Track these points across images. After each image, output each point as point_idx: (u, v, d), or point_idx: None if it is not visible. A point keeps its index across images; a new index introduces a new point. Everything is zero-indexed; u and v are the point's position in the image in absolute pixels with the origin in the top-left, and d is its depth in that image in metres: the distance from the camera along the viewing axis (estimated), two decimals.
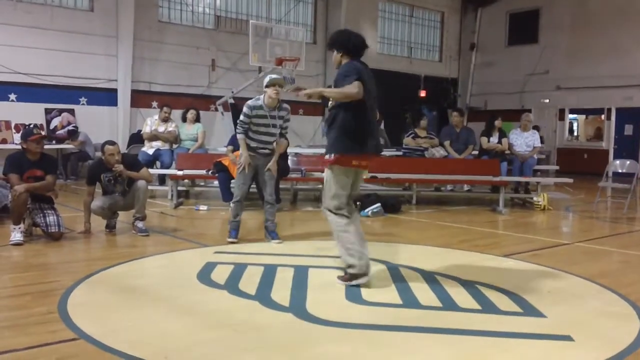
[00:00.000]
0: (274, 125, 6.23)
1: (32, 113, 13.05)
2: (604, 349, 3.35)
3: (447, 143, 10.88)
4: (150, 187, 7.63)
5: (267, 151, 6.32)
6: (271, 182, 6.40)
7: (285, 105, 6.34)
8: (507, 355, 3.28)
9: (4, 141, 12.51)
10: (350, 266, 4.60)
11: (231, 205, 6.38)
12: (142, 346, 3.24)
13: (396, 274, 5.01)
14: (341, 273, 4.76)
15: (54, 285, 4.50)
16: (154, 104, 14.57)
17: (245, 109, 6.17)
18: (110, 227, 6.80)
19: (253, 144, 6.23)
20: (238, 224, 6.30)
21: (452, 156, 10.75)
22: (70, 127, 13.48)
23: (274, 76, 6.26)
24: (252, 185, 8.90)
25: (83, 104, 14.08)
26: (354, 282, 4.55)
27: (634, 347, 3.42)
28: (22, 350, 3.16)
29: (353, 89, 4.39)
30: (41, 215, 6.21)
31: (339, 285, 4.58)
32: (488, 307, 4.13)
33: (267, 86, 6.13)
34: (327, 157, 4.66)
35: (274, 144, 6.36)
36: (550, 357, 3.27)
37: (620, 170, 10.58)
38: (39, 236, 6.33)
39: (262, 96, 6.19)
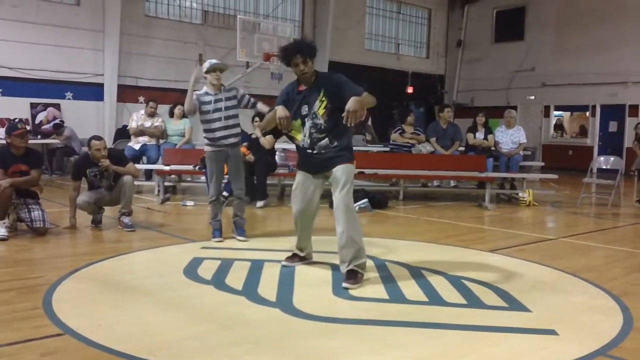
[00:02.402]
0: (220, 109, 5.98)
1: (18, 108, 12.95)
2: (588, 343, 3.38)
3: (433, 140, 10.92)
4: (136, 183, 7.61)
5: (232, 139, 6.06)
6: (240, 176, 6.22)
7: (229, 87, 6.21)
8: (492, 350, 3.30)
9: None
10: (362, 267, 4.58)
11: (209, 205, 6.20)
12: (128, 341, 3.23)
13: (383, 269, 5.02)
14: (323, 270, 4.76)
15: (39, 280, 4.47)
16: (141, 98, 14.48)
17: (195, 99, 5.98)
18: (96, 223, 6.77)
19: (217, 134, 5.99)
20: (220, 223, 6.16)
21: (438, 152, 10.79)
22: (55, 121, 13.35)
23: (214, 61, 6.03)
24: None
25: (69, 99, 13.98)
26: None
27: (618, 340, 3.45)
28: (6, 346, 3.14)
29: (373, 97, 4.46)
30: (26, 210, 6.16)
31: (326, 280, 4.59)
32: (474, 302, 4.15)
33: (207, 72, 5.95)
34: (344, 158, 4.64)
35: (239, 128, 6.18)
36: (535, 351, 3.29)
37: (604, 167, 10.70)
38: (23, 231, 6.29)
39: (204, 87, 6.08)
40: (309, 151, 4.66)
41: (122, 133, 12.83)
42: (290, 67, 4.59)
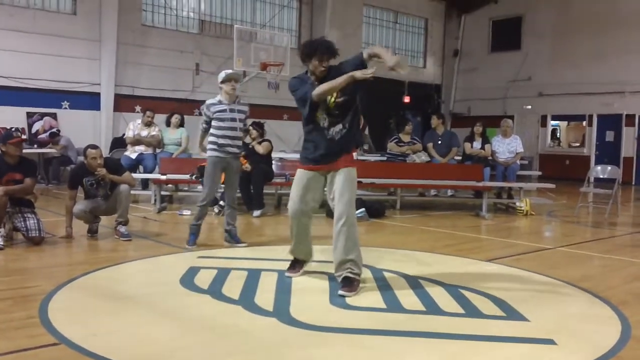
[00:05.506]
0: (234, 119, 6.18)
1: (14, 117, 12.91)
2: (586, 352, 3.37)
3: (430, 145, 10.99)
4: (133, 192, 7.59)
5: (235, 149, 6.25)
6: (235, 186, 6.43)
7: (243, 102, 6.42)
8: (490, 359, 3.29)
9: None
10: (359, 275, 4.58)
11: (198, 208, 6.29)
12: (124, 351, 3.21)
13: (380, 279, 5.00)
14: (321, 279, 4.73)
15: (35, 290, 4.44)
16: (137, 108, 14.48)
17: (204, 110, 6.17)
18: (92, 232, 6.74)
19: (221, 141, 6.15)
20: (199, 228, 6.27)
21: (435, 159, 10.82)
22: (52, 130, 13.32)
23: (229, 71, 6.27)
24: (237, 191, 8.90)
25: (65, 108, 13.97)
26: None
27: (616, 350, 3.44)
28: (1, 355, 3.11)
29: None
30: (21, 219, 6.13)
31: (324, 289, 4.57)
32: (471, 311, 4.14)
33: (223, 82, 6.15)
34: (347, 157, 4.65)
35: (240, 142, 6.39)
36: None
37: (601, 176, 10.70)
38: (20, 240, 6.26)
39: (218, 95, 6.23)
40: (327, 132, 4.67)
41: (119, 142, 12.80)
42: None
